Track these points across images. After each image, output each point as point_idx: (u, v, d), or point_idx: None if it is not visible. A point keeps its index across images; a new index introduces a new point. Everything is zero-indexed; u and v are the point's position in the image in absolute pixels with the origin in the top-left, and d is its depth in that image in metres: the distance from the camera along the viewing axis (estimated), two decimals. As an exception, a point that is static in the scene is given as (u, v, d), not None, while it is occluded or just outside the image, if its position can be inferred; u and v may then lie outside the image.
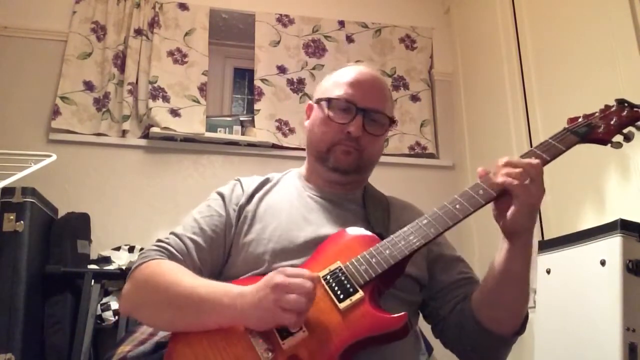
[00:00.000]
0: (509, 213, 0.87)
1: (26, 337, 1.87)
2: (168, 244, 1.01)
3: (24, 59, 2.56)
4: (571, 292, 1.47)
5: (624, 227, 1.34)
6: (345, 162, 1.08)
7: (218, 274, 1.04)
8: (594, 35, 1.92)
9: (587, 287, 1.39)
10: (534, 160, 0.90)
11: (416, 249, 0.90)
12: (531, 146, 2.20)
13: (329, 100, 1.10)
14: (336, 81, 1.13)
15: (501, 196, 0.89)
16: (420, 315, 1.11)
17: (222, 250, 1.04)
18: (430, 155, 2.88)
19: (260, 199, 1.10)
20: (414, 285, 1.04)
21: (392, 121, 1.13)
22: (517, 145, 2.34)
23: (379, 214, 1.09)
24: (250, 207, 1.08)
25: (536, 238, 2.01)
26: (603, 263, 1.36)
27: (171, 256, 0.99)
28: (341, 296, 0.86)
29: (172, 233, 1.04)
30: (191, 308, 0.87)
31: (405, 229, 0.93)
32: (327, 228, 1.03)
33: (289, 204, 1.09)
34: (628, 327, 1.25)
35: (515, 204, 0.86)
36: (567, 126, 1.01)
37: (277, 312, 0.79)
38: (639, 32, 1.73)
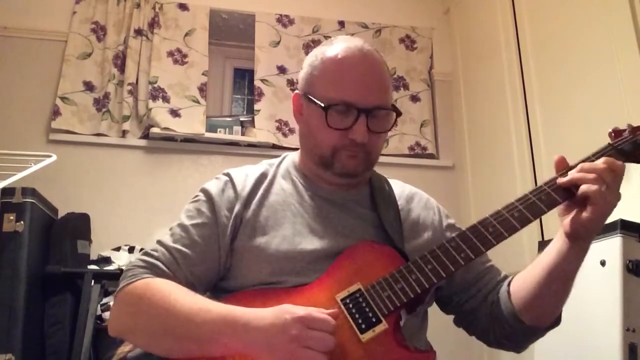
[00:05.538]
0: (580, 218, 0.82)
1: (26, 337, 1.87)
2: (157, 258, 0.92)
3: (24, 59, 2.55)
4: (571, 292, 1.47)
5: (624, 227, 1.34)
6: (353, 167, 0.98)
7: (214, 285, 0.98)
8: (594, 35, 1.92)
9: (587, 287, 1.39)
10: (612, 161, 0.84)
11: (445, 276, 0.84)
12: (531, 146, 2.26)
13: (325, 108, 0.95)
14: (327, 74, 0.98)
15: (570, 198, 0.84)
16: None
17: (216, 262, 0.94)
18: (430, 156, 2.88)
19: (260, 204, 0.99)
20: (431, 294, 1.00)
21: (398, 113, 1.00)
22: (517, 145, 2.34)
23: (391, 217, 1.00)
24: (249, 216, 0.97)
25: (536, 238, 2.03)
26: (603, 263, 1.36)
27: (160, 272, 0.90)
28: (363, 326, 0.80)
29: (159, 243, 0.95)
30: (189, 339, 0.80)
31: (432, 249, 0.86)
32: (336, 239, 0.94)
33: (291, 210, 0.99)
34: (628, 327, 1.25)
35: (591, 210, 0.81)
36: (611, 142, 0.93)
37: None
38: (639, 32, 1.73)
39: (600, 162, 0.84)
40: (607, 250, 1.35)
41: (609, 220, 1.38)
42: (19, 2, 2.63)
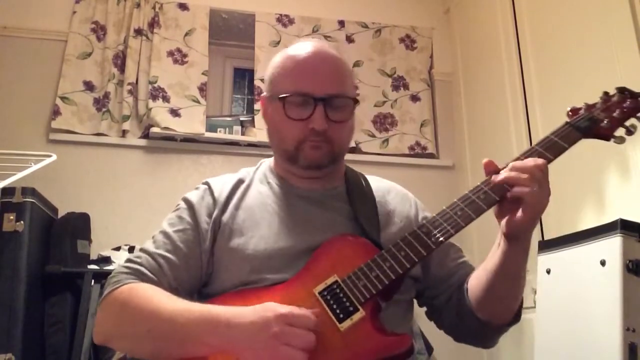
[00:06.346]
0: (515, 219, 0.83)
1: (26, 337, 1.87)
2: (140, 264, 0.93)
3: (24, 59, 2.55)
4: (571, 292, 1.47)
5: (624, 227, 1.34)
6: (317, 158, 1.00)
7: (198, 291, 0.99)
8: (594, 35, 1.92)
9: (587, 287, 1.39)
10: (540, 161, 0.85)
11: (417, 261, 0.85)
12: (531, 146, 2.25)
13: (282, 99, 1.00)
14: (284, 71, 1.03)
15: (504, 198, 0.85)
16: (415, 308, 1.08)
17: (199, 267, 0.96)
18: (430, 155, 2.88)
19: (237, 207, 1.02)
20: (410, 283, 1.01)
21: (356, 101, 1.04)
22: (517, 145, 2.34)
23: (367, 210, 1.03)
24: (227, 219, 0.99)
25: (536, 238, 2.03)
26: (603, 263, 1.36)
27: (144, 278, 0.91)
28: (341, 315, 0.82)
29: (142, 250, 0.96)
30: (173, 340, 0.81)
31: (404, 236, 0.88)
32: (313, 234, 0.96)
33: (268, 211, 1.01)
34: (628, 327, 1.25)
35: (525, 211, 0.82)
36: (568, 120, 0.97)
37: None
38: (639, 32, 1.73)
39: (529, 161, 0.85)
40: (607, 250, 1.35)
41: (609, 220, 1.40)
42: (19, 2, 2.63)
